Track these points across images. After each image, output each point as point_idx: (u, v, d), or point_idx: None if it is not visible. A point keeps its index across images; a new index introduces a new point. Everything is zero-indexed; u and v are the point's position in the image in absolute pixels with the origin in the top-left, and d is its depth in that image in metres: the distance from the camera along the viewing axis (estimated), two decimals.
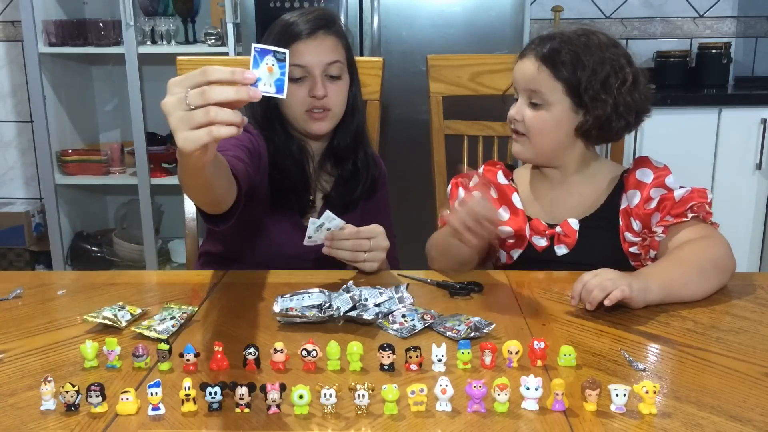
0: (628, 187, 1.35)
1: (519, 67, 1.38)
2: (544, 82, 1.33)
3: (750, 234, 2.89)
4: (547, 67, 1.32)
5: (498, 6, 2.62)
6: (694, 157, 2.81)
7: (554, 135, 1.36)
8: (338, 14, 1.59)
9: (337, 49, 1.49)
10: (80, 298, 1.25)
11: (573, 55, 1.31)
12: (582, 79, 1.31)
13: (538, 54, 1.34)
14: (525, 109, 1.36)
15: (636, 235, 1.33)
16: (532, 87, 1.34)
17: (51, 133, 3.02)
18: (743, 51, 3.33)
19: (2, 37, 3.38)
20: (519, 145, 1.40)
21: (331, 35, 1.48)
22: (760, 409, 0.86)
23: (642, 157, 1.38)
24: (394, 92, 2.54)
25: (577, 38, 1.33)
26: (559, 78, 1.32)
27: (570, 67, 1.31)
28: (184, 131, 0.90)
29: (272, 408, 0.85)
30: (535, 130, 1.36)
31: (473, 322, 1.08)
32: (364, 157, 1.58)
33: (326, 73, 1.47)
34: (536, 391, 0.85)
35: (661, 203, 1.30)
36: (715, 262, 1.23)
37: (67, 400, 0.86)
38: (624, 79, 1.32)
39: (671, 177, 1.33)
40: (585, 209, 1.39)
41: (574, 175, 1.41)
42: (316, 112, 1.47)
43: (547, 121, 1.34)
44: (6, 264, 3.31)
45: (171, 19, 3.01)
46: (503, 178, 1.45)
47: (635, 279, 1.13)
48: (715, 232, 1.29)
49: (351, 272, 1.35)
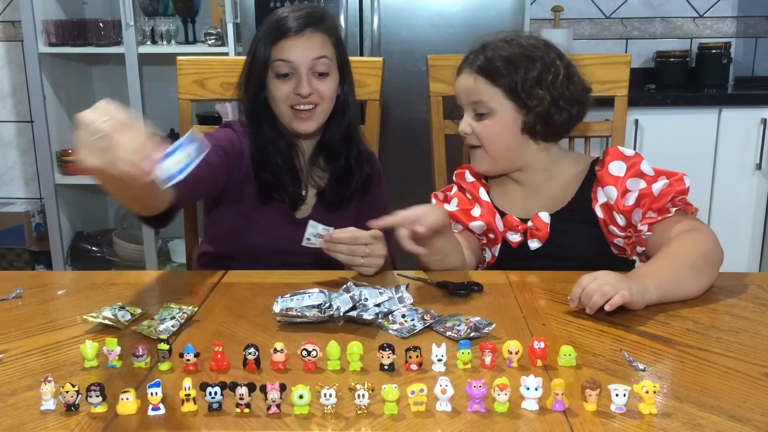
0: (604, 183, 1.36)
1: (458, 82, 1.44)
2: (483, 91, 1.38)
3: (750, 234, 2.89)
4: (483, 76, 1.38)
5: (498, 6, 2.62)
6: (694, 157, 2.81)
7: (504, 139, 1.40)
8: (331, 12, 1.58)
9: (325, 46, 1.49)
10: (80, 298, 1.25)
11: (504, 60, 1.37)
12: (517, 79, 1.35)
13: (473, 66, 1.40)
14: (472, 122, 1.41)
15: (621, 230, 1.35)
16: (473, 99, 1.40)
17: (51, 133, 3.02)
18: (743, 51, 3.33)
19: (2, 37, 3.38)
20: (476, 159, 1.45)
21: (319, 32, 1.48)
22: (760, 409, 0.86)
23: (611, 149, 1.40)
24: (394, 92, 2.54)
25: (506, 44, 1.39)
26: (496, 84, 1.37)
27: (504, 71, 1.36)
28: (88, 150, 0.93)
29: (272, 408, 0.85)
30: (485, 139, 1.40)
31: (473, 322, 1.08)
32: (357, 154, 1.58)
33: (313, 70, 1.47)
34: (536, 391, 0.85)
35: (640, 200, 1.31)
36: (705, 257, 1.23)
37: (67, 400, 0.86)
38: (557, 73, 1.36)
39: (645, 164, 1.34)
40: (556, 203, 1.42)
41: (538, 173, 1.44)
42: (302, 111, 1.48)
43: (494, 126, 1.39)
44: (6, 264, 3.31)
45: (171, 19, 3.01)
46: (470, 176, 1.50)
47: (633, 282, 1.13)
48: (700, 224, 1.31)
49: (351, 272, 1.35)
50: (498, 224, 1.43)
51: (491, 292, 1.25)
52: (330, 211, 1.57)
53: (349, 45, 2.69)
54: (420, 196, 2.09)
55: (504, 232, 1.43)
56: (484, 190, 1.47)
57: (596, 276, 1.13)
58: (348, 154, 1.57)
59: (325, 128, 1.56)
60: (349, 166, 1.57)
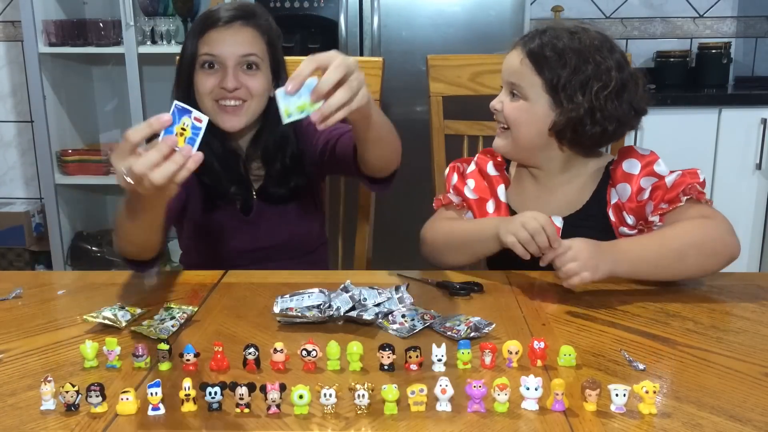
0: (616, 181, 1.34)
1: (506, 58, 1.38)
2: (525, 75, 1.32)
3: (750, 234, 2.89)
4: (531, 61, 1.32)
5: (498, 6, 2.62)
6: (694, 157, 2.80)
7: (531, 128, 1.34)
8: (265, 11, 1.51)
9: (255, 43, 1.43)
10: (80, 298, 1.25)
11: (557, 52, 1.30)
12: (561, 76, 1.29)
13: (525, 48, 1.33)
14: (505, 99, 1.37)
15: (631, 229, 1.33)
16: (512, 79, 1.34)
17: (51, 133, 3.01)
18: (743, 51, 3.33)
19: (2, 37, 3.38)
20: (500, 139, 1.40)
21: (249, 27, 1.42)
22: (760, 409, 0.86)
23: (626, 148, 1.37)
24: (394, 92, 2.54)
25: (569, 35, 1.31)
26: (540, 73, 1.31)
27: (552, 64, 1.30)
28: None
29: (272, 408, 0.85)
30: (513, 120, 1.35)
31: (473, 322, 1.08)
32: (293, 156, 1.50)
33: (241, 64, 1.41)
34: (536, 391, 0.85)
35: (653, 192, 1.29)
36: (699, 245, 1.21)
37: (67, 400, 0.86)
38: (606, 83, 1.28)
39: (660, 162, 1.32)
40: (570, 207, 1.39)
41: (557, 176, 1.40)
42: (229, 106, 1.41)
43: (525, 112, 1.33)
44: (6, 264, 3.31)
45: (171, 19, 3.01)
46: (493, 169, 1.45)
47: (604, 258, 1.16)
48: (714, 212, 1.27)
49: (352, 272, 1.35)
50: None
51: (491, 292, 1.25)
52: (273, 204, 1.52)
53: (349, 45, 2.69)
54: (420, 196, 2.09)
55: None
56: (503, 187, 1.43)
57: (571, 245, 1.15)
58: (283, 158, 1.49)
59: (259, 131, 1.49)
60: (284, 171, 1.50)
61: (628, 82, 1.31)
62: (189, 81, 1.44)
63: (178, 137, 0.96)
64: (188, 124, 0.97)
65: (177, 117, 0.97)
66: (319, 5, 2.70)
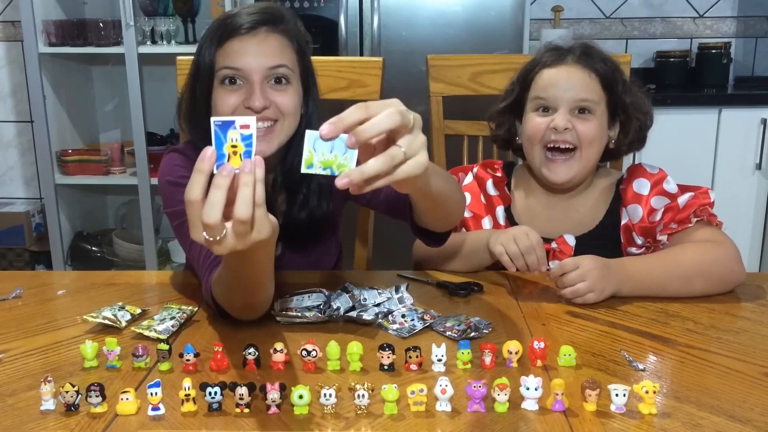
0: (626, 202, 1.33)
1: (558, 75, 1.32)
2: (595, 89, 1.31)
3: (750, 234, 2.89)
4: (596, 74, 1.30)
5: (498, 6, 2.63)
6: (694, 157, 2.81)
7: (600, 146, 1.33)
8: (292, 13, 1.27)
9: (285, 52, 1.21)
10: (80, 298, 1.25)
11: (612, 63, 1.30)
12: (622, 95, 1.30)
13: (580, 59, 1.31)
14: (573, 119, 1.30)
15: (639, 248, 1.33)
16: (583, 95, 1.30)
17: (51, 133, 3.01)
18: (743, 51, 3.33)
19: (2, 37, 3.38)
20: (566, 165, 1.31)
21: (277, 34, 1.21)
22: (760, 409, 0.86)
23: (635, 166, 1.36)
24: (394, 92, 2.51)
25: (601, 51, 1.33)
26: (606, 88, 1.30)
27: (611, 77, 1.30)
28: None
29: (272, 408, 0.85)
30: (589, 140, 1.30)
31: (473, 322, 1.08)
32: (317, 188, 1.29)
33: (269, 78, 1.20)
34: (536, 391, 0.85)
35: (665, 213, 1.29)
36: (706, 272, 1.21)
37: (66, 400, 0.86)
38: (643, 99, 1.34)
39: (669, 181, 1.31)
40: (583, 226, 1.37)
41: (578, 193, 1.39)
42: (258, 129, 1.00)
43: (598, 129, 1.31)
44: (6, 264, 3.31)
45: (171, 19, 3.01)
46: (492, 188, 1.42)
47: (610, 281, 1.16)
48: (723, 237, 1.27)
49: (352, 272, 1.35)
50: None
51: (491, 292, 1.25)
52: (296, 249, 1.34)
53: (349, 45, 2.70)
54: None
55: None
56: (501, 209, 1.40)
57: (578, 265, 1.15)
58: (308, 188, 1.28)
59: (286, 151, 1.27)
60: (305, 203, 1.29)
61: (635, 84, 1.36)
62: (205, 99, 1.23)
63: (232, 158, 0.79)
64: (236, 138, 0.79)
65: (222, 136, 0.79)
66: (319, 5, 2.70)
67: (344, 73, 1.76)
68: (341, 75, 1.76)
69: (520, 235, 1.20)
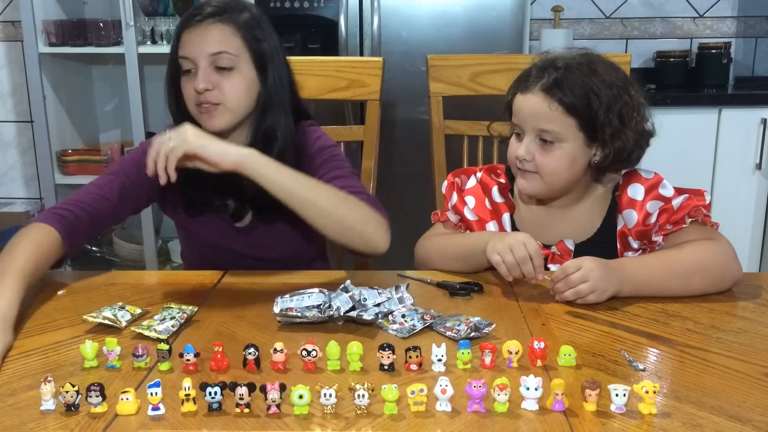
0: (622, 207, 1.32)
1: (525, 102, 1.29)
2: (557, 120, 1.26)
3: (750, 234, 2.89)
4: (560, 103, 1.25)
5: (498, 6, 2.63)
6: (694, 157, 2.80)
7: (569, 173, 1.30)
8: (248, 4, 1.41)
9: (229, 40, 1.32)
10: (80, 298, 1.25)
11: (584, 89, 1.25)
12: (599, 114, 1.25)
13: (546, 88, 1.26)
14: (535, 148, 1.29)
15: (635, 252, 1.33)
16: (542, 126, 1.27)
17: (51, 133, 3.01)
18: (743, 51, 3.33)
19: (2, 37, 3.38)
20: (526, 182, 1.32)
21: (221, 23, 1.32)
22: (760, 409, 0.86)
23: (630, 172, 1.34)
24: (394, 92, 2.54)
25: (582, 67, 1.27)
26: (573, 114, 1.25)
27: (584, 102, 1.25)
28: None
29: (272, 408, 0.85)
30: (548, 170, 1.29)
31: (473, 322, 1.08)
32: (283, 156, 1.35)
33: (215, 65, 1.32)
34: (536, 391, 0.85)
35: (660, 215, 1.29)
36: (704, 270, 1.21)
37: (67, 400, 0.86)
38: (637, 107, 1.27)
39: (664, 185, 1.30)
40: (581, 234, 1.36)
41: (575, 202, 1.37)
42: (204, 107, 1.33)
43: (562, 159, 1.28)
44: None
45: (171, 19, 3.00)
46: (498, 195, 1.40)
47: (612, 281, 1.16)
48: (718, 236, 1.27)
49: (352, 272, 1.35)
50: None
51: (491, 292, 1.25)
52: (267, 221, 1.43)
53: (349, 45, 2.69)
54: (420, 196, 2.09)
55: None
56: (508, 216, 1.39)
57: (580, 266, 1.15)
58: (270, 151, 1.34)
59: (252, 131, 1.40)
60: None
61: (641, 96, 1.30)
62: (175, 86, 1.38)
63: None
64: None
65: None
66: (319, 5, 2.70)
67: (344, 73, 1.76)
68: (341, 75, 1.76)
69: (516, 244, 1.20)
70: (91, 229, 1.35)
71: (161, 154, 1.21)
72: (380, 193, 1.79)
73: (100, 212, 1.34)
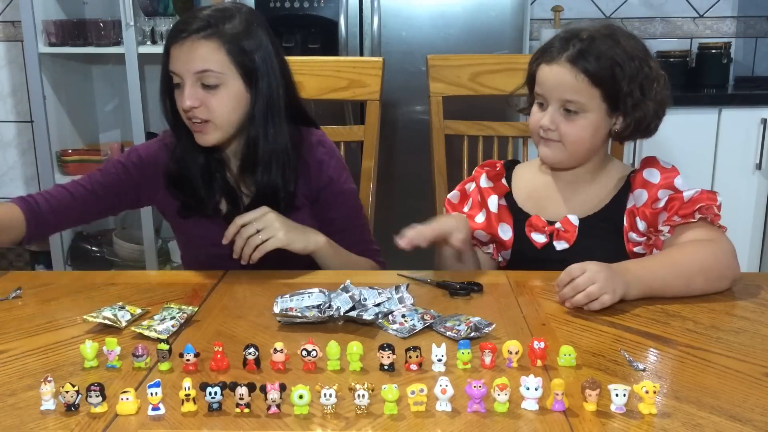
0: (634, 186, 1.34)
1: (550, 73, 1.31)
2: (582, 90, 1.29)
3: (750, 234, 2.88)
4: (585, 74, 1.28)
5: (498, 6, 2.62)
6: (694, 157, 2.80)
7: (591, 142, 1.33)
8: (244, 12, 1.39)
9: (211, 57, 1.32)
10: (80, 298, 1.25)
11: (609, 60, 1.27)
12: (623, 85, 1.28)
13: (571, 59, 1.29)
14: (559, 118, 1.32)
15: (641, 235, 1.32)
16: (567, 97, 1.30)
17: (51, 133, 3.01)
18: (743, 51, 3.33)
19: (2, 37, 3.38)
20: (549, 150, 1.35)
21: (205, 40, 1.31)
22: (760, 409, 0.86)
23: (649, 158, 1.36)
24: (394, 92, 2.54)
25: (606, 38, 1.29)
26: (598, 85, 1.28)
27: (608, 73, 1.27)
28: None
29: (272, 408, 0.85)
30: (572, 139, 1.32)
31: (473, 322, 1.08)
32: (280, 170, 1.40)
33: (201, 82, 1.33)
34: (536, 391, 0.85)
35: (669, 203, 1.29)
36: (707, 271, 1.22)
37: (67, 400, 0.86)
38: (656, 77, 1.31)
39: (679, 178, 1.31)
40: (588, 208, 1.38)
41: (586, 175, 1.39)
42: (195, 124, 1.35)
43: (585, 129, 1.31)
44: (6, 264, 3.31)
45: (171, 19, 3.00)
46: (485, 182, 1.43)
47: (619, 281, 1.15)
48: (721, 236, 1.27)
49: (352, 272, 1.35)
50: (502, 234, 1.40)
51: (491, 292, 1.25)
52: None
53: (349, 45, 2.69)
54: (420, 196, 2.09)
55: (529, 233, 1.39)
56: (495, 198, 1.41)
57: (585, 269, 1.14)
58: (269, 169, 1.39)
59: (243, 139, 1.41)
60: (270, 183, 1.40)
61: (659, 66, 1.33)
62: (170, 94, 1.39)
63: None
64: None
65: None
66: (319, 5, 2.70)
67: (344, 73, 1.76)
68: (341, 75, 1.76)
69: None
70: (55, 220, 1.41)
71: (250, 245, 1.30)
72: (380, 193, 1.79)
73: (61, 204, 1.41)
